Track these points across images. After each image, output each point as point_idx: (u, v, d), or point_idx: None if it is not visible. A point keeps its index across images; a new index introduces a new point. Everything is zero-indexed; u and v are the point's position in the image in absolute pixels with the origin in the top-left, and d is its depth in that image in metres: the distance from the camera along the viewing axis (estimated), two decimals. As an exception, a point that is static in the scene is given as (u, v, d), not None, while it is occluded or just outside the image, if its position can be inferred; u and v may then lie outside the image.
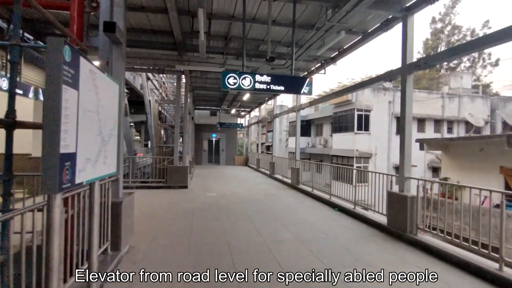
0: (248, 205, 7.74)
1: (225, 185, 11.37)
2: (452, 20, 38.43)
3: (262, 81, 5.13)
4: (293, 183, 11.02)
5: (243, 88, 5.07)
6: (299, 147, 11.16)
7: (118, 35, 3.76)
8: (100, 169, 2.30)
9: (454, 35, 37.77)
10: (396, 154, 19.29)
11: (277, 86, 5.19)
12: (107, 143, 2.44)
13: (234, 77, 5.00)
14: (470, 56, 37.71)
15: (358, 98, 18.63)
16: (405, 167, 5.21)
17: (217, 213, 6.71)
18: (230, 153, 24.46)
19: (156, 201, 7.93)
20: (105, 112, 2.36)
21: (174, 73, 10.21)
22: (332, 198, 8.08)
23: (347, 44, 7.53)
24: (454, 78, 25.34)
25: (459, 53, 4.47)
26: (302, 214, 6.82)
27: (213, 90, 14.62)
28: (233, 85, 4.99)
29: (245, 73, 5.09)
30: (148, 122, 14.76)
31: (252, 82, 5.07)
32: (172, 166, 10.23)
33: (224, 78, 4.99)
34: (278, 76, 5.37)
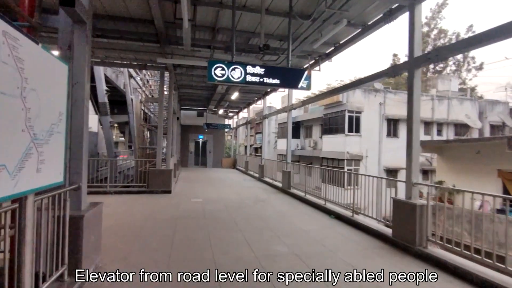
0: (237, 212, 7.09)
1: (212, 190, 10.68)
2: (438, 24, 38.98)
3: (254, 73, 4.48)
4: (284, 187, 10.44)
5: (232, 81, 4.40)
6: (290, 149, 10.60)
7: (79, 11, 3.06)
8: (30, 179, 1.61)
9: (441, 39, 38.28)
10: (387, 156, 19.12)
11: (271, 79, 4.55)
12: (45, 143, 1.76)
13: (222, 67, 4.32)
14: (455, 59, 38.34)
15: (349, 99, 18.28)
16: (413, 172, 4.69)
17: (202, 222, 6.03)
18: (218, 155, 23.70)
19: (136, 208, 7.17)
20: (40, 99, 1.68)
21: (157, 69, 9.47)
22: (327, 204, 7.53)
23: (344, 38, 7.00)
24: (441, 81, 25.47)
25: (475, 44, 3.97)
26: (296, 222, 6.22)
27: (199, 89, 13.90)
28: (220, 77, 4.33)
29: (235, 64, 4.40)
30: (130, 122, 13.89)
31: (243, 74, 4.41)
32: (154, 169, 9.47)
33: (211, 69, 4.32)
34: (273, 68, 4.71)
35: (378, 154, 18.87)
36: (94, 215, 3.63)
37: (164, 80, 9.61)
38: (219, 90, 11.58)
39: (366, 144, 18.53)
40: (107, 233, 4.84)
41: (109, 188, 9.13)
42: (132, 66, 9.73)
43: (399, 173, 19.21)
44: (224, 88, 10.98)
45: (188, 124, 22.82)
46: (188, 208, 7.37)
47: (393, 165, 19.02)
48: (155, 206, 7.45)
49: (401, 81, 34.71)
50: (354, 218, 6.14)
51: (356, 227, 5.84)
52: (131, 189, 9.51)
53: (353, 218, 6.14)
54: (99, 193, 8.99)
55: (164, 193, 9.35)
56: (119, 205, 7.46)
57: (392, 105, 19.23)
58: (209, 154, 23.61)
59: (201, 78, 11.66)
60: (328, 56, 7.79)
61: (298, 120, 25.43)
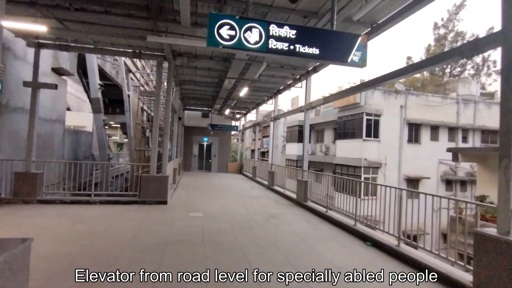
0: (245, 234, 5.60)
1: (215, 200, 9.20)
2: (456, 26, 37.25)
3: (281, 36, 2.95)
4: (299, 199, 8.92)
5: (246, 47, 2.89)
6: (307, 155, 9.09)
7: None
8: None
9: (458, 42, 36.50)
10: (408, 164, 17.45)
11: (307, 47, 3.04)
12: None
13: (231, 26, 2.82)
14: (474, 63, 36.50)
15: (368, 100, 16.72)
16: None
17: (200, 250, 4.55)
18: (223, 159, 22.23)
19: (118, 225, 5.72)
20: None
21: (153, 57, 8.10)
22: (358, 225, 6.01)
23: (384, 16, 5.50)
24: (462, 84, 23.73)
25: None
26: (323, 253, 4.70)
27: (204, 85, 12.50)
28: (228, 40, 2.84)
29: (251, 20, 2.90)
30: (127, 121, 12.53)
31: (263, 36, 2.91)
32: (147, 176, 8.04)
33: (213, 27, 2.82)
34: (310, 30, 3.18)
35: (398, 161, 17.21)
36: (14, 261, 2.17)
37: (162, 72, 8.21)
38: (226, 86, 10.16)
39: (385, 151, 16.90)
40: (64, 270, 3.40)
41: (93, 197, 7.71)
42: (124, 54, 8.37)
43: (421, 183, 17.53)
44: (232, 83, 9.56)
45: (192, 125, 21.46)
46: (184, 226, 5.91)
47: (414, 174, 17.35)
48: (144, 222, 6.00)
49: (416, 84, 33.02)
50: (402, 249, 4.60)
51: (409, 263, 4.30)
52: (120, 198, 8.07)
53: (401, 249, 4.61)
54: (81, 203, 7.60)
55: (158, 203, 7.91)
56: (100, 220, 6.03)
57: (414, 108, 17.60)
58: (213, 158, 22.18)
59: (205, 72, 10.26)
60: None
61: (308, 123, 23.90)
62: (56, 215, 6.29)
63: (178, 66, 9.61)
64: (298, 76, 9.76)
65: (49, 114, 9.65)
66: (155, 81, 8.20)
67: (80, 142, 12.69)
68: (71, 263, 3.68)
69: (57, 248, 4.23)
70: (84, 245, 4.44)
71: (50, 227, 5.35)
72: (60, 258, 3.84)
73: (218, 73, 10.21)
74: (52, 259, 3.79)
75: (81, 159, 12.67)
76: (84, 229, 5.37)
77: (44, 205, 7.23)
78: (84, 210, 6.87)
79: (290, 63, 8.74)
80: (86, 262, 3.75)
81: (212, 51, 8.08)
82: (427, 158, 17.66)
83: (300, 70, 9.12)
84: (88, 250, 4.24)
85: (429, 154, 17.75)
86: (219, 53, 8.26)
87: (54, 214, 6.38)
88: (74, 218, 6.04)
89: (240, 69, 8.04)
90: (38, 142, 9.12)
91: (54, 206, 7.19)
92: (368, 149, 16.56)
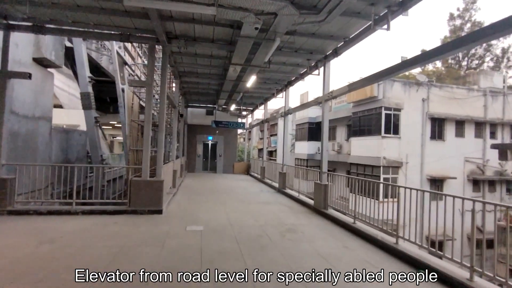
0: (256, 257, 4.29)
1: (219, 207, 7.92)
2: (473, 17, 35.29)
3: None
4: (317, 206, 7.58)
5: None
6: (326, 153, 7.73)
7: None
8: None
9: (475, 33, 34.55)
10: (431, 163, 15.92)
11: None
12: None
13: None
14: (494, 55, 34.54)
15: (386, 94, 15.25)
16: None
17: (195, 285, 3.27)
18: (229, 159, 20.95)
19: (95, 246, 4.47)
20: None
21: (144, 40, 6.86)
22: (401, 244, 4.67)
23: None
24: (484, 76, 21.99)
25: None
26: (361, 286, 3.40)
27: (206, 77, 11.22)
28: None
29: None
30: (121, 118, 11.34)
31: None
32: (138, 180, 6.81)
33: None
34: None
35: (421, 160, 15.71)
36: None
37: (154, 57, 6.94)
38: (230, 75, 8.85)
39: (406, 148, 15.43)
40: None
41: (74, 207, 6.49)
42: (110, 36, 7.12)
43: (446, 184, 16.01)
44: (237, 71, 8.24)
45: (195, 123, 20.23)
46: (179, 246, 4.63)
47: (438, 173, 15.83)
48: (129, 241, 4.75)
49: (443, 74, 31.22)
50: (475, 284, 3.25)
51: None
52: (107, 207, 6.83)
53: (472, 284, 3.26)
54: (60, 213, 6.39)
55: (151, 213, 6.67)
56: (74, 238, 4.80)
57: (437, 102, 16.06)
58: (219, 158, 20.92)
59: (207, 60, 8.97)
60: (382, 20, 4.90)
61: (318, 120, 22.44)
62: (23, 231, 5.09)
63: (176, 53, 8.34)
64: (313, 62, 8.41)
65: (31, 110, 8.49)
66: (147, 68, 6.96)
67: (72, 142, 11.54)
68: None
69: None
70: (35, 282, 3.19)
71: (6, 250, 4.14)
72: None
73: (221, 61, 8.92)
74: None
75: (73, 161, 11.53)
76: (50, 252, 4.14)
77: (15, 216, 6.05)
78: (61, 224, 5.66)
79: (306, 45, 7.40)
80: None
81: (214, 31, 6.80)
82: (452, 156, 16.11)
83: (317, 54, 7.78)
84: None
85: (454, 151, 16.21)
86: (222, 35, 6.98)
87: (22, 230, 5.19)
88: (43, 236, 4.83)
89: (247, 51, 6.72)
90: (17, 142, 7.98)
91: (26, 218, 6.00)
92: (388, 147, 15.11)
